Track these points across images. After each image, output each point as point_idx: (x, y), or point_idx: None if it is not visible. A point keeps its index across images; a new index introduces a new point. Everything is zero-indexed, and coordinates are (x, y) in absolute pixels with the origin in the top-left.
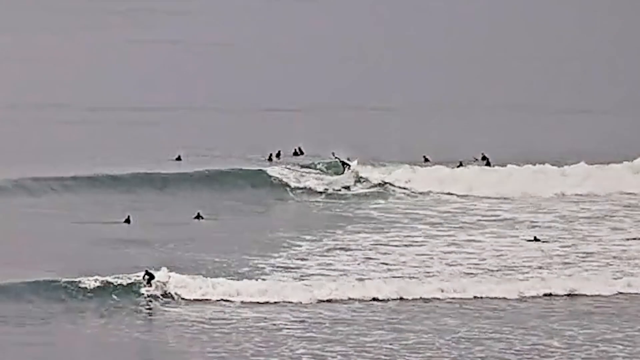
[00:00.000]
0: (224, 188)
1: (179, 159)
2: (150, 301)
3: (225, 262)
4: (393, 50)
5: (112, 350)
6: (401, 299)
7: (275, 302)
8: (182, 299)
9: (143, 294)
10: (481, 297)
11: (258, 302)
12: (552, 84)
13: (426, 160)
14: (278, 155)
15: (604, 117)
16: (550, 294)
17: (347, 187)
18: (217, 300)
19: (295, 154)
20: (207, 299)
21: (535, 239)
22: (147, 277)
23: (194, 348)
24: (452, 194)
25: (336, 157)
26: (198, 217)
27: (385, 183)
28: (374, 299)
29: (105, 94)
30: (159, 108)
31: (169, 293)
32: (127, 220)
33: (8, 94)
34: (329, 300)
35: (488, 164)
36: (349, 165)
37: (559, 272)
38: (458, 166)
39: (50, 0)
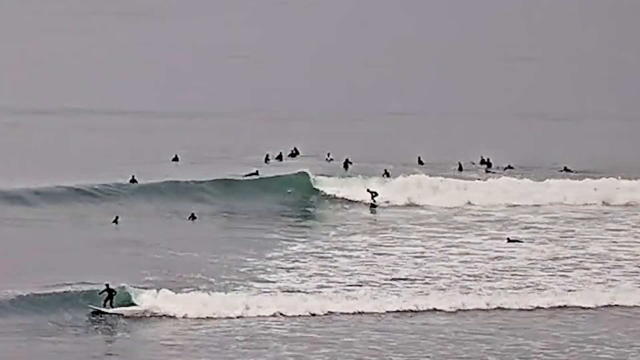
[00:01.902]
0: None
1: (175, 159)
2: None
3: (210, 265)
4: (395, 57)
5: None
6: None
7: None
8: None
9: (105, 308)
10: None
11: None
12: (553, 89)
13: (420, 162)
14: (279, 157)
15: (605, 121)
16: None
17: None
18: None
19: (292, 154)
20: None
21: (509, 240)
22: (106, 292)
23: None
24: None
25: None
26: (192, 217)
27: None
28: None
29: (104, 97)
30: (157, 109)
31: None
32: (115, 221)
33: (5, 97)
34: (313, 315)
35: (489, 166)
36: (376, 194)
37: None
38: (458, 169)
39: (50, 1)
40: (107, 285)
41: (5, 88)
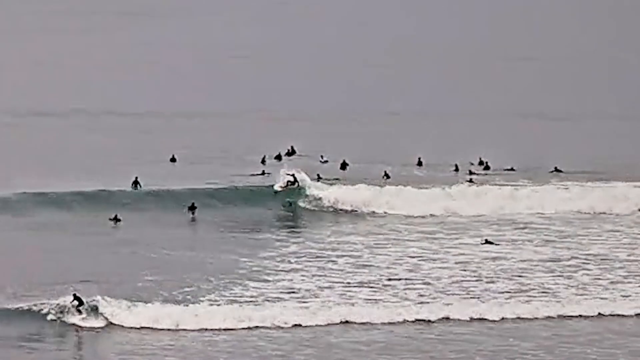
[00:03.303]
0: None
1: (173, 159)
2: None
3: (209, 266)
4: (395, 57)
5: None
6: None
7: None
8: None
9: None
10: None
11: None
12: (553, 89)
13: (420, 163)
14: (278, 157)
15: (605, 121)
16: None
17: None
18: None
19: (288, 153)
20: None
21: (487, 242)
22: (75, 302)
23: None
24: None
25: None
26: (192, 207)
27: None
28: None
29: (104, 97)
30: (157, 109)
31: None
32: (114, 219)
33: (5, 97)
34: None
35: (487, 168)
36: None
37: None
38: (455, 170)
39: (50, 1)
40: (74, 295)
41: (5, 88)
